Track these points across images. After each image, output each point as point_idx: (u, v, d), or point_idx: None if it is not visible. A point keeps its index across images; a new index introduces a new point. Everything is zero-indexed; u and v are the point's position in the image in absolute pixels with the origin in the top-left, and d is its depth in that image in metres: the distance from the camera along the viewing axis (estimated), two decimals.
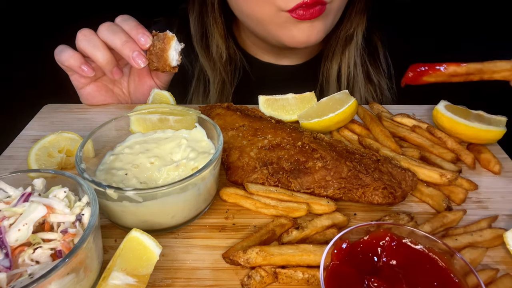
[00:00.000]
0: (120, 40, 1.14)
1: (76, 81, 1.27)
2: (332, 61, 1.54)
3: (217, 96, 1.56)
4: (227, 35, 1.54)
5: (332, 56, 1.54)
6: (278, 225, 0.84)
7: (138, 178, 0.87)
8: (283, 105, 1.23)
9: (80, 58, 1.17)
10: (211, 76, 1.56)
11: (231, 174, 0.98)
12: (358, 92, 1.55)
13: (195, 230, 0.87)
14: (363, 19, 1.50)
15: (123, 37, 1.14)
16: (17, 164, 1.06)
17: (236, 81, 1.59)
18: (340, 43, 1.52)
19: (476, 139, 1.08)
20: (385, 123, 1.16)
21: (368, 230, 0.74)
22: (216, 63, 1.54)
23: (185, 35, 1.54)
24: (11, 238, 0.67)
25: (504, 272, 0.76)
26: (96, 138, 0.93)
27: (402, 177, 0.92)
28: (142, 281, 0.70)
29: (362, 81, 1.55)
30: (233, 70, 1.58)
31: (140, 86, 1.34)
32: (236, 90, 1.59)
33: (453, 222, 0.86)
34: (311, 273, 0.73)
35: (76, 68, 1.18)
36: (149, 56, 1.16)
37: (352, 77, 1.55)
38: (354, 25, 1.49)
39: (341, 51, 1.52)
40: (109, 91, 1.32)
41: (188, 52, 1.55)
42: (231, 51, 1.55)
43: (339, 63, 1.54)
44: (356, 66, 1.54)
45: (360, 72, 1.55)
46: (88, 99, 1.31)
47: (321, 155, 0.94)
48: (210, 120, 0.97)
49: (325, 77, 1.57)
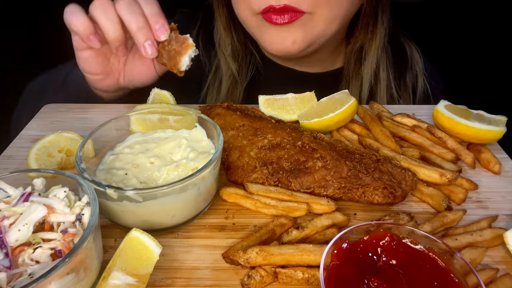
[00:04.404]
0: (137, 24, 1.07)
1: (77, 42, 1.18)
2: (351, 76, 1.52)
3: (227, 92, 1.55)
4: (231, 28, 1.52)
5: (351, 72, 1.53)
6: (278, 225, 0.84)
7: (138, 178, 0.87)
8: (283, 105, 1.23)
9: (90, 28, 1.09)
10: (223, 68, 1.55)
11: (231, 174, 0.98)
12: None
13: (195, 230, 0.87)
14: (372, 36, 1.46)
15: (140, 21, 1.07)
16: (17, 164, 1.06)
17: (248, 79, 1.57)
18: (352, 59, 1.50)
19: (476, 139, 1.08)
20: (385, 123, 1.16)
21: (368, 230, 0.74)
22: (223, 55, 1.53)
23: (205, 30, 1.54)
24: (11, 238, 0.67)
25: (504, 272, 0.76)
26: (96, 138, 0.93)
27: (402, 177, 0.92)
28: (142, 281, 0.70)
29: (384, 99, 1.52)
30: (245, 66, 1.56)
31: (138, 64, 1.27)
32: (249, 90, 1.57)
33: (453, 222, 0.86)
34: (311, 273, 0.73)
35: (84, 37, 1.11)
36: (161, 49, 1.11)
37: (373, 96, 1.53)
38: (359, 41, 1.47)
39: (358, 68, 1.50)
40: (105, 60, 1.24)
41: (208, 48, 1.55)
42: (233, 45, 1.54)
43: (360, 80, 1.51)
44: (378, 85, 1.51)
45: (383, 93, 1.52)
46: (84, 64, 1.23)
47: (321, 155, 0.94)
48: (210, 120, 0.97)
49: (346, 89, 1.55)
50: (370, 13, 1.42)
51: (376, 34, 1.45)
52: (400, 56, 1.56)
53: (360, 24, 1.44)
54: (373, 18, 1.43)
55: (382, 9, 1.43)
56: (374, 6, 1.41)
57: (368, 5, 1.40)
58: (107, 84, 1.27)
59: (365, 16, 1.43)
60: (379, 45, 1.47)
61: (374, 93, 1.52)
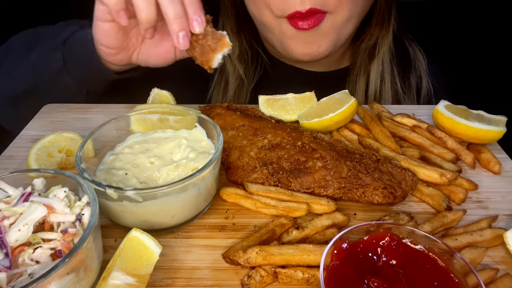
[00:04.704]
0: (174, 11, 0.97)
1: (101, 13, 1.08)
2: (358, 74, 1.51)
3: (234, 93, 1.54)
4: (239, 31, 1.51)
5: (358, 70, 1.51)
6: (278, 225, 0.84)
7: (138, 178, 0.87)
8: (283, 105, 1.23)
9: (122, 2, 1.00)
10: (229, 70, 1.53)
11: (231, 174, 0.98)
12: None
13: (195, 230, 0.87)
14: (386, 31, 1.45)
15: (178, 9, 0.97)
16: (17, 164, 1.06)
17: (255, 80, 1.56)
18: (363, 56, 1.49)
19: (476, 139, 1.08)
20: (385, 123, 1.16)
21: (368, 230, 0.74)
22: (229, 58, 1.51)
23: None
24: (11, 238, 0.67)
25: (504, 272, 0.76)
26: (96, 138, 0.93)
27: (402, 177, 0.92)
28: (142, 281, 0.70)
29: (389, 99, 1.51)
30: (252, 68, 1.55)
31: (158, 45, 1.19)
32: (256, 91, 1.55)
33: (453, 222, 0.86)
34: (311, 273, 0.73)
35: (113, 11, 1.01)
36: (193, 42, 1.02)
37: (379, 93, 1.52)
38: (374, 37, 1.45)
39: (366, 65, 1.49)
40: (125, 35, 1.15)
41: None
42: (242, 48, 1.52)
43: (367, 78, 1.50)
44: (384, 82, 1.50)
45: (388, 88, 1.51)
46: (102, 36, 1.14)
47: (321, 155, 0.94)
48: (210, 120, 0.97)
49: (351, 89, 1.53)
50: (385, 8, 1.42)
51: (389, 29, 1.45)
52: (404, 57, 1.56)
53: (376, 20, 1.44)
54: (387, 13, 1.43)
55: (395, 3, 1.43)
56: (390, 1, 1.41)
57: (384, 0, 1.40)
58: (119, 59, 1.20)
59: (381, 12, 1.42)
60: (391, 40, 1.47)
61: (380, 91, 1.52)
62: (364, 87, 1.51)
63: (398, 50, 1.53)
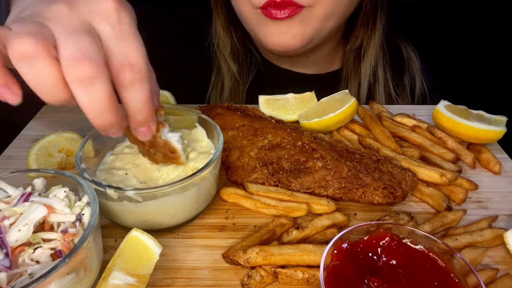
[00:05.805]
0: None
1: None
2: (350, 77, 1.51)
3: (230, 93, 1.54)
4: (230, 27, 1.51)
5: (349, 72, 1.51)
6: (278, 225, 0.84)
7: (138, 178, 0.87)
8: (283, 105, 1.23)
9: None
10: (224, 69, 1.53)
11: (231, 174, 0.98)
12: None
13: (195, 230, 0.87)
14: (372, 33, 1.44)
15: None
16: (17, 164, 1.06)
17: (250, 80, 1.56)
18: (350, 58, 1.49)
19: (476, 139, 1.08)
20: (385, 123, 1.16)
21: (368, 230, 0.74)
22: (222, 56, 1.52)
23: None
24: (11, 238, 0.67)
25: (504, 272, 0.76)
26: (96, 138, 0.93)
27: (402, 177, 0.92)
28: (142, 281, 0.70)
29: (382, 101, 1.51)
30: (246, 67, 1.55)
31: None
32: (252, 91, 1.55)
33: (453, 222, 0.86)
34: (311, 273, 0.73)
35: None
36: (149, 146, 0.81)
37: (372, 95, 1.52)
38: (359, 39, 1.45)
39: (356, 67, 1.49)
40: None
41: (209, 46, 1.54)
42: (233, 45, 1.52)
43: (359, 79, 1.50)
44: (376, 85, 1.50)
45: (381, 92, 1.51)
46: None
47: (321, 155, 0.94)
48: (210, 120, 0.97)
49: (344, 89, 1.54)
50: (370, 10, 1.41)
51: (375, 32, 1.45)
52: (397, 57, 1.56)
53: (360, 21, 1.44)
54: (372, 15, 1.43)
55: (381, 6, 1.43)
56: (375, 2, 1.41)
57: (369, 1, 1.40)
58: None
59: (366, 13, 1.42)
60: (378, 43, 1.46)
61: (372, 93, 1.52)
62: (357, 90, 1.51)
63: (390, 51, 1.53)
